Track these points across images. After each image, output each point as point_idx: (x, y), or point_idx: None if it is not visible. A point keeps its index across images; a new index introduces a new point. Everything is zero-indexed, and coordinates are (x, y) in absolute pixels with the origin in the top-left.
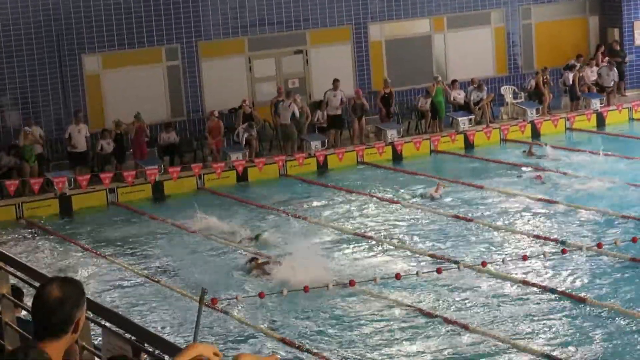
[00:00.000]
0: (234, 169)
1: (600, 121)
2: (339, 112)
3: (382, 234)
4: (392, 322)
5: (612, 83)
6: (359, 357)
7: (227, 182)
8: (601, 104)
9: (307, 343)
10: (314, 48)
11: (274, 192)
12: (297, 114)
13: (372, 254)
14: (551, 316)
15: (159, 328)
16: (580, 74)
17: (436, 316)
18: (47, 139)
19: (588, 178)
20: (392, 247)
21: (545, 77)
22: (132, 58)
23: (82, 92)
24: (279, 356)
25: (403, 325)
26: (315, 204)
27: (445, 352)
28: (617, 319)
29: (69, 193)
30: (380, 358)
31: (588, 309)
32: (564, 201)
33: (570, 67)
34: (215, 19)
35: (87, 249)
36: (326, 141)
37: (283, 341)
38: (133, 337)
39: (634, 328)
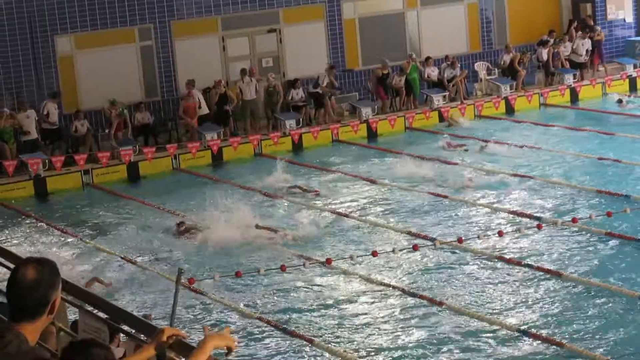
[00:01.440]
0: (209, 149)
1: (574, 96)
2: (319, 90)
3: (357, 211)
4: (368, 301)
5: (586, 56)
6: (335, 336)
7: (203, 161)
8: (574, 79)
9: (284, 322)
10: (288, 26)
11: (248, 171)
12: (257, 91)
13: (348, 232)
14: (528, 291)
15: (135, 309)
16: (555, 50)
17: (413, 294)
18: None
19: (561, 153)
20: (367, 225)
21: (521, 58)
22: (105, 38)
23: (56, 73)
24: (231, 327)
25: (379, 303)
26: (292, 182)
27: (423, 330)
28: (594, 293)
29: (43, 175)
30: (357, 337)
31: (565, 283)
32: (538, 176)
33: (543, 43)
34: None
35: (62, 230)
36: (301, 119)
37: (260, 319)
38: (109, 318)
39: (611, 303)
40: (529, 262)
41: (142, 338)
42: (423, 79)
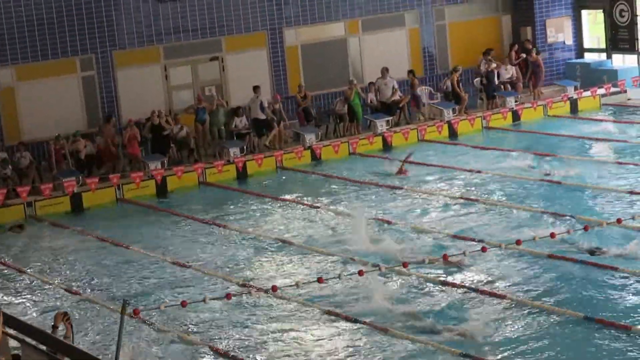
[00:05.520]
0: (153, 178)
1: (516, 118)
2: (263, 116)
3: (301, 238)
4: (311, 326)
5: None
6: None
7: (147, 192)
8: (516, 102)
9: (233, 349)
10: (230, 54)
11: (193, 200)
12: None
13: (291, 258)
14: (474, 314)
15: (79, 342)
16: (490, 69)
17: (355, 320)
18: None
19: (503, 175)
20: (312, 252)
21: (458, 77)
22: (46, 69)
23: None
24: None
25: (320, 327)
26: (234, 210)
27: (362, 354)
28: (536, 314)
29: None
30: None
31: (509, 305)
32: (481, 198)
33: (480, 65)
34: (129, 28)
35: (5, 264)
36: (245, 147)
37: (210, 347)
38: (50, 351)
39: (558, 325)
40: (474, 286)
41: None
42: (366, 104)
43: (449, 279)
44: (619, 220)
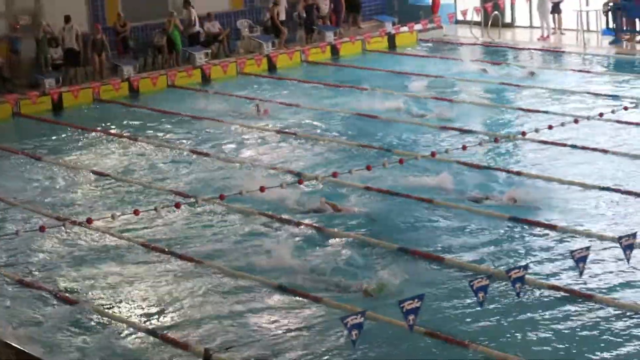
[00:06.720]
0: None
1: (335, 53)
2: (77, 47)
3: (120, 170)
4: (129, 259)
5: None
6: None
7: None
8: (335, 36)
9: (49, 282)
10: None
11: (6, 132)
12: None
13: (110, 191)
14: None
15: None
16: (309, 3)
17: (170, 253)
18: None
19: (321, 109)
20: (129, 184)
21: (278, 10)
22: None
23: None
24: None
25: (136, 262)
26: (49, 142)
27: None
28: (357, 245)
29: None
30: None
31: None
32: (300, 132)
33: None
34: None
35: None
36: (61, 78)
37: (21, 282)
38: None
39: (375, 255)
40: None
41: None
42: (185, 36)
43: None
44: (433, 154)
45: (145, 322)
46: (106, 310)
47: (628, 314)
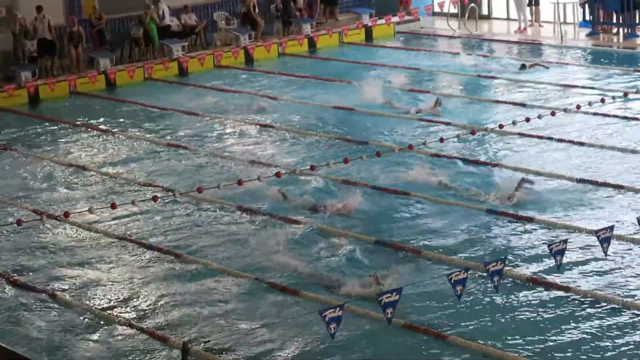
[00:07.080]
0: None
1: (312, 46)
2: (50, 37)
3: (97, 163)
4: (106, 252)
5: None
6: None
7: None
8: (312, 28)
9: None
10: None
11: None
12: None
13: (87, 184)
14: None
15: None
16: None
17: (150, 246)
18: None
19: (298, 102)
20: (106, 177)
21: (254, 2)
22: None
23: None
24: None
25: (113, 255)
26: (25, 135)
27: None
28: (336, 239)
29: None
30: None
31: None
32: (277, 125)
33: None
34: None
35: None
36: (37, 70)
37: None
38: None
39: (356, 244)
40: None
41: None
42: (161, 28)
43: (247, 202)
44: (410, 146)
45: (121, 313)
46: (82, 302)
47: (605, 305)
